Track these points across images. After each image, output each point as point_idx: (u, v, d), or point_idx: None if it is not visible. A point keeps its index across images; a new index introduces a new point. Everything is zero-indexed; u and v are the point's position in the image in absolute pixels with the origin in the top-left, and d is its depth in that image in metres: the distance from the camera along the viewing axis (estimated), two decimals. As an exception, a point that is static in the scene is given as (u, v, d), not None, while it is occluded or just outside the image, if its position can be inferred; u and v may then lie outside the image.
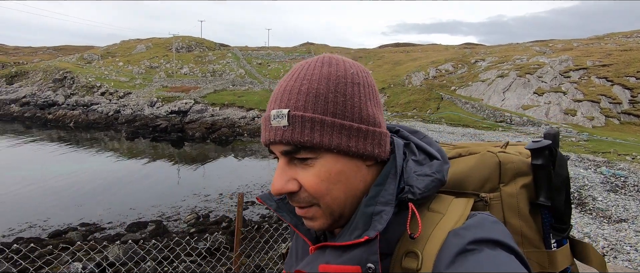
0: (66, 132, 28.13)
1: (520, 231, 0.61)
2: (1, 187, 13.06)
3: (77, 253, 7.53)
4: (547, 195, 0.62)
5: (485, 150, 0.68)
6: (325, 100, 0.54)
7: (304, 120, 0.53)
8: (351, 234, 0.54)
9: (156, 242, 8.61)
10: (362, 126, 0.55)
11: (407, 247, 0.52)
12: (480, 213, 0.55)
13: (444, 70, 36.35)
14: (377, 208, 0.54)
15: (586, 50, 32.65)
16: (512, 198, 0.63)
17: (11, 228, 9.57)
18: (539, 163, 0.62)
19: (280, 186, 0.56)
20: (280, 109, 0.55)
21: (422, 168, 0.58)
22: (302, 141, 0.53)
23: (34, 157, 18.70)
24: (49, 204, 11.56)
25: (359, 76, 0.57)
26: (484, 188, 0.65)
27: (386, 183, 0.56)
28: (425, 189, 0.55)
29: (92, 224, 10.00)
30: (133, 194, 12.97)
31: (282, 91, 0.56)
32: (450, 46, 67.82)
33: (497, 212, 0.62)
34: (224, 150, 22.63)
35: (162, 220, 10.47)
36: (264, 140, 0.57)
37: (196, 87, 40.24)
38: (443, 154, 0.62)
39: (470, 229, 0.51)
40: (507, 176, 0.64)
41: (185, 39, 62.00)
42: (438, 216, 0.54)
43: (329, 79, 0.55)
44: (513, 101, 25.97)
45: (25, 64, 55.25)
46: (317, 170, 0.55)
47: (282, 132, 0.54)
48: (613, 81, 24.73)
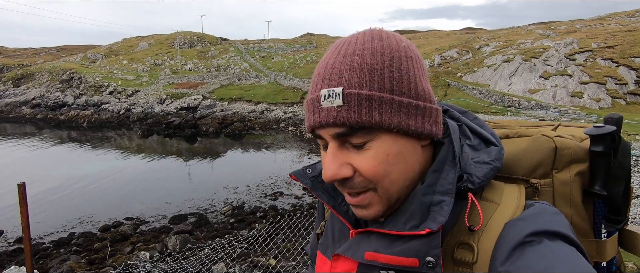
0: (81, 132, 28.71)
1: (570, 219, 0.58)
2: (42, 186, 13.69)
3: (136, 245, 8.19)
4: (603, 184, 0.58)
5: (539, 133, 0.63)
6: (382, 75, 0.50)
7: (361, 98, 0.50)
8: (406, 223, 0.51)
9: (206, 231, 9.26)
10: (420, 103, 0.52)
11: (460, 237, 0.51)
12: (538, 203, 0.53)
13: (449, 56, 36.64)
14: (436, 197, 0.51)
15: (590, 32, 32.90)
16: (565, 186, 0.59)
17: (63, 225, 10.20)
18: (599, 151, 0.58)
19: (334, 172, 0.52)
20: (331, 87, 0.51)
21: (479, 154, 0.56)
22: (361, 121, 0.50)
23: (60, 157, 19.31)
24: (89, 201, 12.19)
25: (411, 49, 0.54)
26: (534, 174, 0.60)
27: (444, 171, 0.53)
28: (484, 178, 0.53)
29: (136, 218, 10.62)
30: (164, 189, 13.58)
31: (331, 68, 0.52)
32: (451, 32, 67.77)
33: (547, 199, 0.59)
34: (239, 144, 23.19)
35: (199, 212, 11.09)
36: (313, 124, 0.53)
37: (203, 82, 40.63)
38: (498, 139, 0.59)
39: (529, 220, 0.48)
40: (562, 162, 0.60)
41: (186, 35, 62.06)
42: (493, 206, 0.52)
43: (383, 53, 0.51)
44: (520, 86, 26.39)
45: (30, 65, 55.50)
46: (375, 152, 0.51)
47: (336, 112, 0.50)
48: (618, 62, 25.11)
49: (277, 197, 12.49)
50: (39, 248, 8.65)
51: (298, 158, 18.24)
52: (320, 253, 0.67)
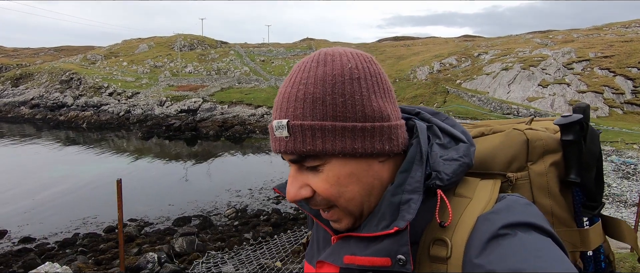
0: (80, 132, 28.64)
1: (550, 211, 0.59)
2: (44, 187, 13.69)
3: (143, 246, 8.22)
4: (577, 172, 0.59)
5: (511, 128, 0.65)
6: (323, 104, 0.52)
7: (304, 128, 0.52)
8: (378, 225, 0.53)
9: (211, 234, 9.31)
10: (366, 124, 0.53)
11: (435, 234, 0.51)
12: (510, 196, 0.53)
13: (448, 63, 36.98)
14: (405, 196, 0.52)
15: (587, 41, 33.35)
16: (541, 177, 0.60)
17: (67, 225, 10.20)
18: (570, 139, 0.60)
19: (294, 193, 0.56)
20: (280, 119, 0.54)
21: (448, 152, 0.57)
22: (305, 150, 0.52)
23: (61, 158, 19.25)
24: (92, 202, 12.19)
25: (359, 69, 0.54)
26: (510, 168, 0.62)
27: (412, 170, 0.54)
28: (453, 174, 0.54)
29: (140, 220, 10.65)
30: (167, 191, 13.61)
31: (281, 99, 0.56)
32: (449, 39, 68.38)
33: (525, 191, 0.60)
34: (240, 148, 23.25)
35: (203, 214, 11.13)
36: (273, 149, 0.57)
37: (203, 85, 40.71)
38: (468, 136, 0.60)
39: (501, 213, 0.49)
40: (536, 154, 0.61)
41: (187, 37, 62.23)
42: (465, 201, 0.53)
43: (325, 80, 0.53)
44: (518, 93, 26.68)
45: (28, 65, 55.38)
46: (326, 175, 0.54)
47: (285, 142, 0.53)
48: (615, 72, 25.47)
49: (279, 201, 12.56)
50: (44, 248, 8.65)
51: (299, 162, 18.33)
52: (306, 262, 0.71)
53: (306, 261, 0.71)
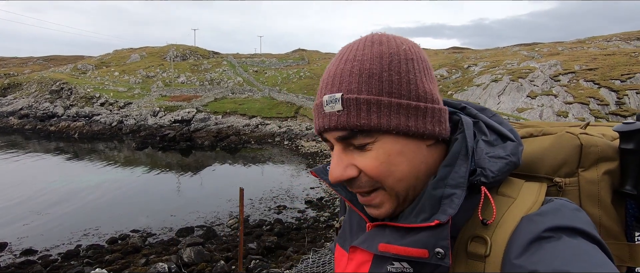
0: (72, 143, 28.28)
1: (598, 221, 0.56)
2: (41, 198, 13.52)
3: (149, 257, 8.26)
4: (634, 184, 0.56)
5: (564, 131, 0.62)
6: (380, 79, 0.52)
7: (359, 102, 0.52)
8: (417, 216, 0.52)
9: (216, 244, 9.37)
10: (420, 104, 0.53)
11: (474, 231, 0.50)
12: (558, 199, 0.51)
13: (439, 75, 37.79)
14: (447, 191, 0.51)
15: (572, 54, 34.60)
16: (592, 185, 0.57)
17: (68, 237, 10.13)
18: (629, 148, 0.56)
19: (340, 173, 0.54)
20: (332, 93, 0.53)
21: (494, 149, 0.56)
22: (359, 125, 0.52)
23: (55, 169, 19.00)
24: (91, 213, 12.12)
25: (412, 51, 0.55)
26: (558, 173, 0.59)
27: (456, 165, 0.53)
28: (498, 172, 0.53)
29: (142, 230, 10.63)
30: (167, 202, 13.59)
31: (333, 75, 0.55)
32: (439, 50, 69.86)
33: (572, 198, 0.57)
34: (236, 158, 23.27)
35: (206, 224, 11.17)
36: (318, 128, 0.56)
37: (196, 95, 40.67)
38: (516, 134, 0.59)
39: (547, 215, 0.47)
40: (589, 160, 0.58)
41: (179, 48, 62.22)
42: (509, 200, 0.52)
43: (381, 57, 0.53)
44: (508, 104, 27.43)
45: (16, 75, 54.55)
46: (376, 152, 0.53)
47: (337, 117, 0.53)
48: (600, 84, 26.46)
49: (281, 211, 12.67)
50: (47, 260, 8.59)
51: (296, 173, 18.46)
52: (338, 245, 0.69)
53: (338, 244, 0.70)
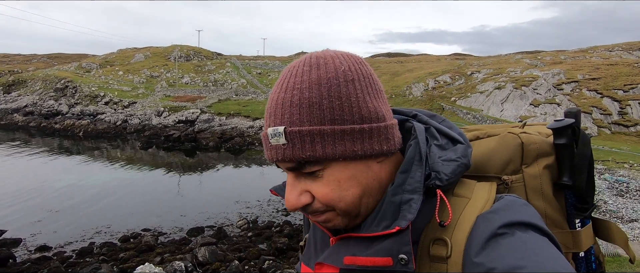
0: (77, 142, 28.44)
1: (544, 212, 0.60)
2: (50, 196, 13.67)
3: (164, 255, 8.40)
4: (570, 175, 0.61)
5: (506, 132, 0.66)
6: (320, 108, 0.52)
7: (302, 134, 0.51)
8: (379, 225, 0.53)
9: (227, 244, 9.52)
10: (364, 126, 0.53)
11: (434, 234, 0.52)
12: (507, 196, 0.55)
13: (443, 81, 38.05)
14: (405, 196, 0.52)
15: (575, 63, 34.86)
16: (535, 179, 0.61)
17: (81, 235, 10.26)
18: (562, 143, 0.61)
19: (294, 201, 0.55)
20: (275, 126, 0.53)
21: (446, 153, 0.58)
22: (305, 157, 0.52)
23: (62, 167, 19.14)
24: (101, 212, 12.26)
25: (352, 71, 0.55)
26: (505, 171, 0.63)
27: (411, 170, 0.55)
28: (452, 175, 0.55)
29: (153, 230, 10.77)
30: (176, 202, 13.73)
31: (274, 105, 0.55)
32: (441, 57, 70.30)
33: (519, 193, 0.61)
34: (241, 159, 23.43)
35: (216, 225, 11.31)
36: (268, 158, 0.56)
37: (200, 96, 40.89)
38: (465, 137, 0.62)
39: (500, 212, 0.50)
40: (530, 157, 0.62)
41: (183, 48, 62.52)
42: (464, 201, 0.54)
43: (320, 83, 0.53)
44: (511, 112, 27.64)
45: (21, 72, 54.75)
46: (326, 180, 0.54)
47: (283, 150, 0.53)
48: (603, 94, 26.69)
49: (288, 212, 12.81)
50: (63, 256, 8.72)
51: (302, 175, 18.63)
52: (303, 264, 0.70)
53: (303, 263, 0.71)
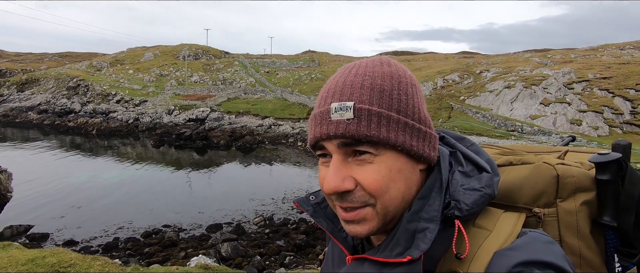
0: (90, 139, 28.98)
1: (578, 252, 0.56)
2: (69, 193, 14.07)
3: (187, 251, 8.69)
4: (613, 215, 0.56)
5: (541, 161, 0.62)
6: (390, 96, 0.53)
7: (371, 113, 0.51)
8: (392, 250, 0.52)
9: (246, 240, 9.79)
10: (422, 127, 0.55)
11: (450, 266, 0.50)
12: (532, 232, 0.51)
13: (451, 80, 38.00)
14: (421, 225, 0.51)
15: (586, 62, 34.60)
16: (570, 215, 0.57)
17: (104, 230, 10.62)
18: (606, 179, 0.56)
19: (337, 184, 0.52)
20: (343, 101, 0.52)
21: (469, 181, 0.56)
22: (369, 135, 0.51)
23: (78, 165, 19.61)
24: (121, 208, 12.62)
25: (414, 79, 0.58)
26: (537, 203, 0.59)
27: (430, 197, 0.54)
28: (473, 205, 0.53)
29: (173, 226, 11.09)
30: (193, 199, 14.07)
31: (342, 85, 0.54)
32: (449, 55, 69.99)
33: (552, 229, 0.57)
34: (252, 158, 23.74)
35: (233, 222, 11.60)
36: (320, 135, 0.54)
37: (210, 95, 41.31)
38: (493, 165, 0.59)
39: (519, 250, 0.47)
40: (566, 191, 0.58)
41: (192, 47, 63.07)
42: (485, 233, 0.52)
43: (392, 76, 0.54)
44: (521, 111, 27.58)
45: (33, 71, 55.68)
46: (378, 166, 0.52)
47: (345, 125, 0.51)
48: (614, 93, 26.52)
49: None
50: (89, 251, 9.06)
51: (314, 174, 18.86)
52: None
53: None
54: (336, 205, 0.55)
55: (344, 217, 0.55)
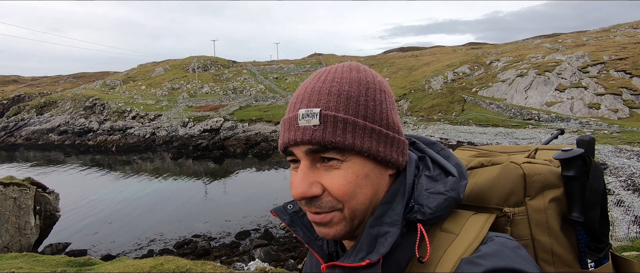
0: (111, 156, 29.73)
1: (550, 249, 0.56)
2: (98, 208, 14.53)
3: (221, 259, 8.92)
4: (581, 210, 0.56)
5: (508, 161, 0.62)
6: (357, 102, 0.54)
7: (337, 120, 0.52)
8: (356, 255, 0.53)
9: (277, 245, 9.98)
10: (389, 132, 0.55)
11: (417, 270, 0.51)
12: (498, 237, 0.51)
13: (462, 72, 37.73)
14: (383, 229, 0.52)
15: (599, 44, 33.95)
16: (540, 213, 0.57)
17: (137, 243, 10.96)
18: (571, 175, 0.57)
19: (304, 189, 0.53)
20: (310, 108, 0.53)
21: (435, 185, 0.56)
22: (335, 141, 0.52)
23: (102, 181, 20.18)
24: (150, 221, 12.97)
25: (384, 85, 0.58)
26: (507, 203, 0.59)
27: (394, 202, 0.54)
28: (436, 209, 0.53)
29: (203, 235, 11.37)
30: (218, 208, 14.36)
31: (310, 91, 0.55)
32: (457, 47, 69.39)
33: (523, 228, 0.57)
34: (269, 164, 24.01)
35: (260, 228, 11.82)
36: (288, 141, 0.55)
37: (222, 104, 41.92)
38: (461, 169, 0.59)
39: (488, 258, 0.47)
40: (534, 189, 0.58)
41: (200, 59, 64.07)
42: (450, 237, 0.52)
43: (360, 83, 0.55)
44: (536, 99, 27.23)
45: (50, 93, 57.33)
46: (344, 172, 0.53)
47: (312, 131, 0.52)
48: (632, 73, 25.97)
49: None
50: (127, 264, 9.40)
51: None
52: None
53: None
54: (309, 208, 0.57)
55: (312, 218, 0.57)
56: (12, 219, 6.29)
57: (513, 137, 19.92)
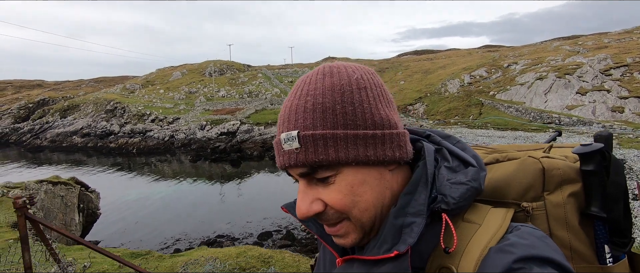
0: (131, 158, 30.54)
1: (569, 244, 0.56)
2: (126, 208, 15.02)
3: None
4: (601, 205, 0.56)
5: (527, 155, 0.62)
6: (334, 113, 0.53)
7: (316, 138, 0.52)
8: (380, 248, 0.52)
9: (299, 246, 10.15)
10: (377, 132, 0.54)
11: (441, 261, 0.50)
12: (524, 227, 0.51)
13: (478, 75, 37.34)
14: (407, 219, 0.52)
15: (622, 46, 33.14)
16: (558, 208, 0.57)
17: (165, 243, 11.30)
18: (590, 169, 0.57)
19: (306, 209, 0.54)
20: (289, 131, 0.54)
21: (456, 175, 0.56)
22: (318, 160, 0.52)
23: (126, 183, 20.79)
24: (176, 221, 13.34)
25: (364, 79, 0.56)
26: (525, 197, 0.59)
27: (416, 192, 0.54)
28: (460, 198, 0.53)
29: (226, 236, 11.63)
30: (239, 209, 14.64)
31: (288, 112, 0.56)
32: (472, 50, 68.64)
33: (541, 223, 0.57)
34: (286, 167, 24.30)
35: (281, 229, 12.03)
36: (280, 165, 0.56)
37: (238, 108, 42.56)
38: (479, 160, 0.59)
39: (518, 246, 0.46)
40: (552, 183, 0.58)
41: (216, 63, 65.22)
42: (474, 227, 0.52)
43: (333, 89, 0.54)
44: (556, 102, 26.75)
45: (73, 97, 59.27)
46: (339, 185, 0.54)
47: (295, 155, 0.53)
48: (657, 76, 25.28)
49: (292, 215, 13.33)
50: (156, 262, 9.72)
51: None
52: None
53: None
54: (320, 222, 0.58)
55: (329, 231, 0.58)
56: (59, 216, 6.67)
57: (533, 141, 19.64)
